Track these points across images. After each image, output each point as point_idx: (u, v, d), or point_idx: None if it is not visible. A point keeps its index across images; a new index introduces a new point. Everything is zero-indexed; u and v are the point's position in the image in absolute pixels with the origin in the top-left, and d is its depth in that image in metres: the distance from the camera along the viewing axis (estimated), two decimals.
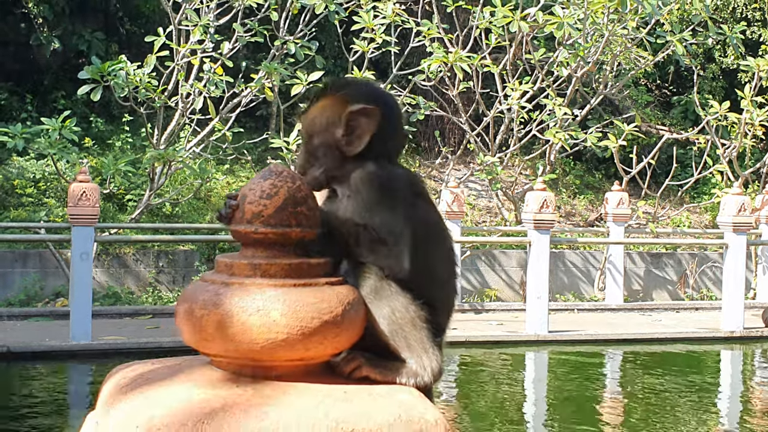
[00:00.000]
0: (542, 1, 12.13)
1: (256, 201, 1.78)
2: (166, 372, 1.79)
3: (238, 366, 1.74)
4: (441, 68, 11.96)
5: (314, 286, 1.75)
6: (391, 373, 1.87)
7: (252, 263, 1.77)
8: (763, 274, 12.98)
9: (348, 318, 1.74)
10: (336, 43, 14.44)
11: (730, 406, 8.38)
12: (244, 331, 1.68)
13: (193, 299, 1.75)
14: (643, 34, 12.49)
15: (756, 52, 15.19)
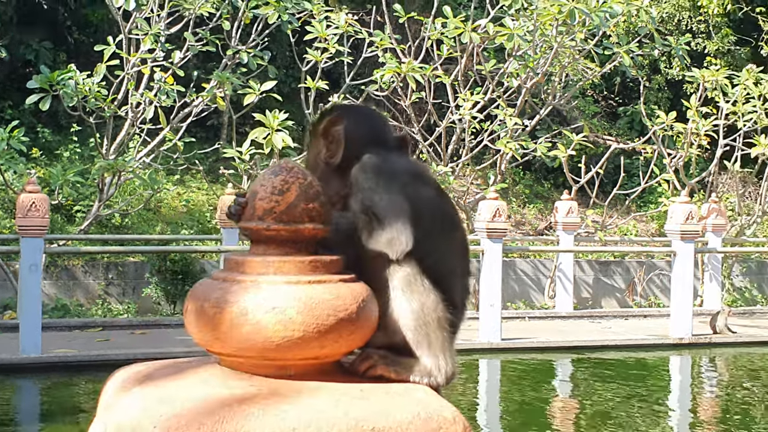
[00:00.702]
0: (492, 12, 12.25)
1: (267, 197, 1.76)
2: (174, 372, 1.75)
3: (251, 365, 1.71)
4: (394, 78, 12.01)
5: (329, 283, 1.72)
6: (405, 371, 1.86)
7: (265, 260, 1.74)
8: (710, 281, 13.22)
9: (363, 315, 1.73)
10: (288, 53, 14.42)
11: (681, 412, 8.51)
12: (259, 329, 1.65)
13: (204, 297, 1.71)
14: (590, 46, 12.68)
15: (701, 64, 15.51)
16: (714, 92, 13.66)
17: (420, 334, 1.87)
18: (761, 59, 16.26)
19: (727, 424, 7.78)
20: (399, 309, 1.86)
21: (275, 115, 10.64)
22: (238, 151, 11.28)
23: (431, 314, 1.87)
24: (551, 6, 11.91)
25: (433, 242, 1.94)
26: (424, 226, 1.92)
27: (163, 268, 11.92)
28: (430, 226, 1.95)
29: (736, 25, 16.83)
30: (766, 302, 14.10)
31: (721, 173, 15.31)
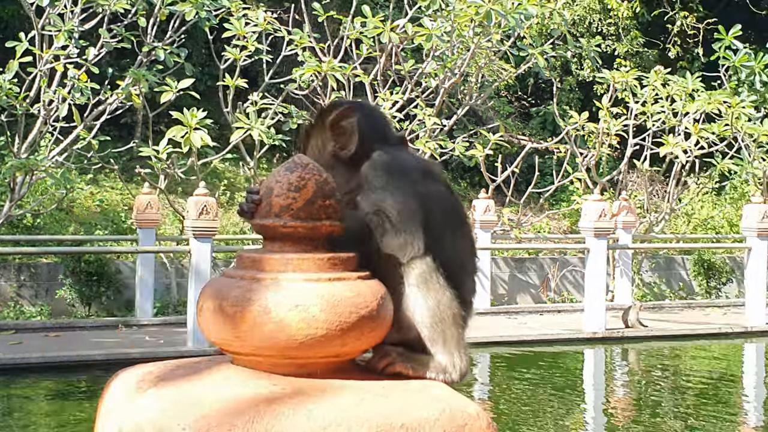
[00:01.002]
0: (410, 13, 12.34)
1: (284, 194, 1.73)
2: (189, 372, 1.71)
3: (270, 364, 1.69)
4: (313, 77, 11.99)
5: (348, 280, 1.71)
6: (422, 368, 1.87)
7: (284, 258, 1.71)
8: (621, 277, 13.58)
9: (382, 312, 1.72)
10: (204, 50, 14.24)
11: (595, 403, 8.74)
12: (282, 327, 1.63)
13: (222, 296, 1.68)
14: (506, 47, 12.88)
15: (611, 65, 15.93)
16: (624, 93, 14.05)
17: (436, 331, 1.87)
18: (668, 61, 16.80)
19: (639, 414, 8.03)
20: (414, 305, 1.86)
21: (193, 113, 10.51)
22: (155, 150, 11.09)
23: (447, 311, 1.88)
24: (468, 7, 12.06)
25: (444, 239, 1.95)
26: (435, 224, 1.93)
27: (77, 270, 11.64)
28: (442, 224, 1.96)
29: (644, 27, 17.35)
30: (674, 297, 14.57)
31: (631, 172, 15.75)
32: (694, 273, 14.81)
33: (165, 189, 11.94)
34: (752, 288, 11.91)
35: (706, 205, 16.24)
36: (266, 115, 11.85)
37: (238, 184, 15.14)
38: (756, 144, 14.20)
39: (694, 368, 10.34)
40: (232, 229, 13.89)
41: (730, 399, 8.83)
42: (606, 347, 11.10)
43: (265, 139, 11.36)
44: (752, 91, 14.86)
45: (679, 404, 8.40)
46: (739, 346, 11.43)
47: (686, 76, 13.82)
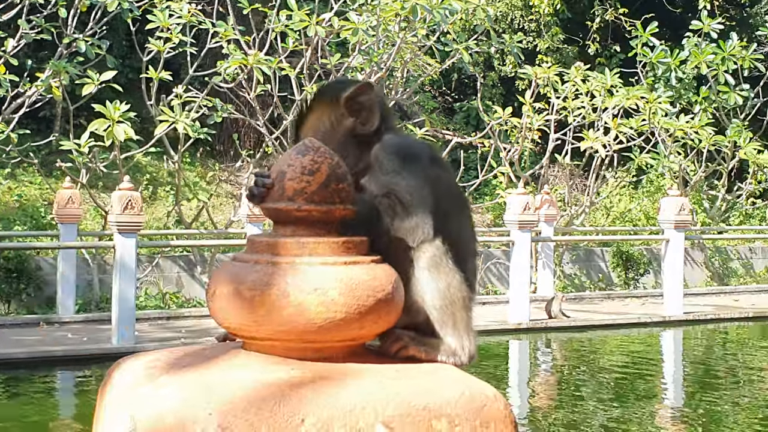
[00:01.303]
0: (336, 6, 12.33)
1: (297, 177, 1.72)
2: (201, 359, 1.69)
3: (285, 349, 1.68)
4: (238, 70, 11.89)
5: (363, 264, 1.71)
6: (433, 351, 1.88)
7: (299, 242, 1.70)
8: (543, 269, 13.83)
9: (397, 295, 1.73)
10: (125, 42, 13.98)
11: (520, 391, 8.91)
12: (301, 311, 1.62)
13: (239, 280, 1.66)
14: (431, 42, 12.98)
15: (532, 61, 16.19)
16: (545, 88, 14.29)
17: (446, 314, 1.89)
18: (588, 57, 17.16)
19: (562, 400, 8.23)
20: (425, 288, 1.87)
21: (116, 106, 10.33)
22: (76, 144, 10.87)
23: (457, 294, 1.90)
24: (394, 2, 12.11)
25: (451, 223, 1.97)
26: (443, 208, 1.94)
27: None
28: (449, 208, 1.98)
29: (565, 24, 17.68)
30: (594, 288, 14.90)
31: (552, 166, 16.05)
32: (613, 264, 15.17)
33: (86, 183, 11.70)
34: (669, 278, 12.25)
35: (624, 198, 16.66)
36: (191, 108, 11.71)
37: (160, 178, 14.92)
38: (672, 139, 14.63)
39: (615, 357, 10.61)
40: (155, 224, 13.68)
41: (649, 385, 9.09)
42: (530, 338, 11.30)
43: (190, 133, 11.23)
44: (668, 87, 15.31)
45: (600, 390, 8.61)
46: (657, 335, 11.75)
47: (605, 72, 14.15)
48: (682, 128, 14.21)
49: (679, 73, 15.29)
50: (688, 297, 12.82)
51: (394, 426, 1.55)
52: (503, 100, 16.89)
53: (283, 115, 12.75)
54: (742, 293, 14.42)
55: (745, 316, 12.44)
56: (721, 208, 16.37)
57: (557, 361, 10.60)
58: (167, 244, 11.85)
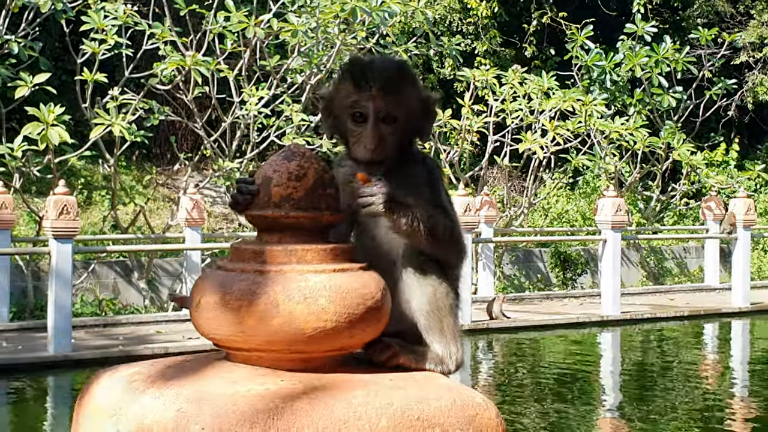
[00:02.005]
0: (275, 8, 12.24)
1: (284, 183, 1.67)
2: (188, 371, 1.62)
3: (272, 360, 1.62)
4: (175, 72, 11.72)
5: (351, 271, 1.67)
6: (422, 359, 1.85)
7: (287, 249, 1.65)
8: (483, 270, 13.90)
9: (386, 303, 1.69)
10: (58, 43, 13.67)
11: None
12: (290, 320, 1.57)
13: (225, 289, 1.60)
14: (371, 44, 12.96)
15: (471, 64, 16.29)
16: (484, 91, 14.39)
17: (433, 320, 1.86)
18: (525, 60, 17.32)
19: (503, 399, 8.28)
20: (412, 294, 1.84)
21: (50, 109, 10.10)
22: (9, 148, 10.61)
23: (444, 300, 1.87)
24: (333, 4, 12.07)
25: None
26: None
27: None
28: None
29: (502, 27, 17.82)
30: (533, 288, 15.04)
31: (491, 167, 16.16)
32: (552, 265, 15.34)
33: (20, 188, 11.42)
34: (607, 278, 12.41)
35: (562, 199, 16.85)
36: (127, 110, 11.51)
37: (96, 182, 14.62)
38: (607, 140, 14.85)
39: (555, 357, 10.72)
40: (90, 229, 13.40)
41: (589, 385, 9.21)
42: (472, 339, 11.34)
43: (126, 136, 11.04)
44: (603, 90, 15.55)
45: (541, 391, 8.69)
46: (595, 334, 11.91)
47: (542, 75, 14.31)
48: (617, 130, 14.43)
49: (614, 76, 15.54)
50: (625, 297, 13.02)
51: None
52: (442, 102, 16.92)
53: (221, 117, 12.60)
54: (677, 292, 14.70)
55: (681, 315, 12.68)
56: (655, 209, 16.68)
57: (499, 362, 10.66)
58: (103, 249, 11.62)
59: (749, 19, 18.64)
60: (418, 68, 16.13)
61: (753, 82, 18.24)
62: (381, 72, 1.93)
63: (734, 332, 12.62)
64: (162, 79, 11.72)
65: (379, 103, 1.91)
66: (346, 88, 1.97)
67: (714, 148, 18.46)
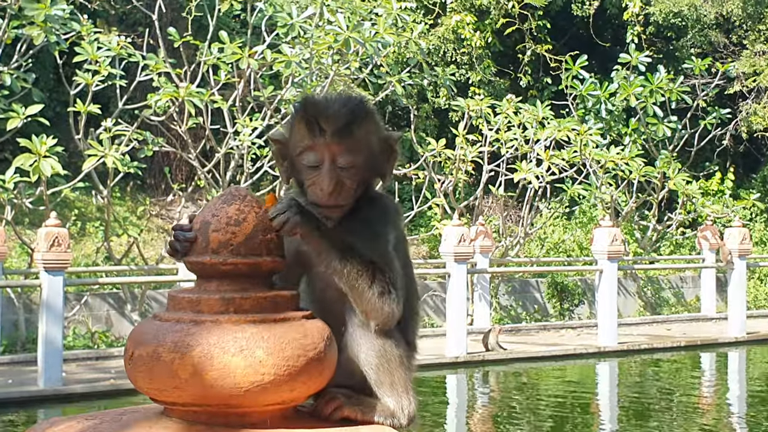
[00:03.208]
0: (269, 39, 12.26)
1: (222, 228, 1.60)
2: (120, 426, 1.54)
3: (208, 415, 1.54)
4: (169, 103, 11.71)
5: (293, 320, 1.59)
6: (370, 411, 1.77)
7: (223, 297, 1.57)
8: (479, 300, 13.82)
9: (330, 354, 1.62)
10: (52, 75, 13.68)
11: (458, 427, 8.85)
12: (226, 374, 1.49)
13: (157, 341, 1.52)
14: (364, 74, 12.97)
15: (465, 94, 16.30)
16: (478, 120, 14.38)
17: (383, 373, 1.78)
18: (520, 90, 17.34)
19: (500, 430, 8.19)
20: (359, 347, 1.76)
21: (43, 140, 10.08)
22: (1, 179, 10.58)
23: (394, 352, 1.79)
24: (326, 35, 12.10)
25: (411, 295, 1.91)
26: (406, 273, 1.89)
27: None
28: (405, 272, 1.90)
29: (496, 57, 17.87)
30: (530, 319, 14.94)
31: (486, 197, 16.11)
32: (548, 295, 15.25)
33: (12, 220, 11.36)
34: (604, 309, 12.33)
35: (558, 229, 16.79)
36: (120, 141, 11.49)
37: (89, 213, 14.57)
38: (603, 170, 14.82)
39: (552, 388, 10.62)
40: (84, 261, 13.32)
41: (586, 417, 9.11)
42: (468, 371, 11.24)
43: (119, 167, 11.02)
44: (598, 119, 15.55)
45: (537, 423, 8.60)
46: (593, 365, 11.81)
47: (537, 105, 14.31)
48: (612, 159, 14.41)
49: (609, 106, 15.55)
50: (622, 327, 12.93)
51: None
52: (437, 131, 16.95)
53: (215, 147, 12.58)
54: (673, 322, 14.61)
55: (677, 345, 12.59)
56: (652, 238, 16.62)
57: (495, 394, 10.56)
58: (95, 281, 11.54)
59: (742, 49, 18.69)
60: (412, 98, 16.14)
61: (747, 111, 18.25)
62: (336, 115, 1.83)
63: (731, 362, 12.53)
64: (156, 110, 11.71)
65: (334, 149, 1.83)
66: (299, 131, 1.87)
67: (709, 177, 18.43)
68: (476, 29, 17.17)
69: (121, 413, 1.66)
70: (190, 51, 12.71)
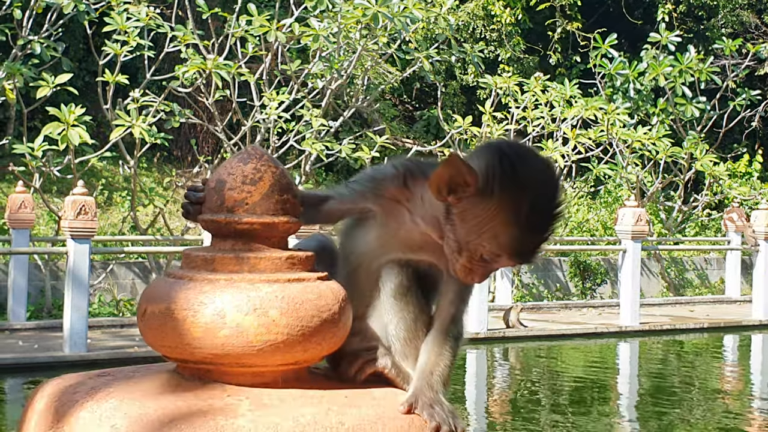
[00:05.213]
0: (297, 12, 12.24)
1: (238, 187, 1.59)
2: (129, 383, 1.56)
3: (221, 373, 1.55)
4: (197, 75, 11.75)
5: (308, 281, 1.59)
6: (399, 374, 1.77)
7: (238, 257, 1.56)
8: (501, 278, 13.83)
9: (345, 316, 1.61)
10: (82, 45, 13.76)
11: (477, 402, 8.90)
12: (239, 333, 1.49)
13: (170, 299, 1.52)
14: (392, 50, 12.93)
15: (493, 71, 16.22)
16: (506, 98, 14.31)
17: (409, 347, 1.77)
18: (549, 67, 17.22)
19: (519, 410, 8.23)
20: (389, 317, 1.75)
21: (71, 109, 10.15)
22: (30, 147, 10.66)
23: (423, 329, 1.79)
24: (355, 9, 12.05)
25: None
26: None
27: None
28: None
29: (526, 34, 17.75)
30: (551, 298, 14.93)
31: None
32: (571, 274, 15.22)
33: (40, 188, 11.49)
34: (626, 289, 12.30)
35: (582, 208, 16.73)
36: (147, 112, 11.55)
37: (116, 183, 14.70)
38: (629, 150, 14.72)
39: (572, 367, 10.63)
40: (110, 230, 13.47)
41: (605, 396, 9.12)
42: (488, 347, 11.28)
43: (146, 138, 11.08)
44: (626, 99, 15.42)
45: (557, 401, 8.62)
46: (614, 345, 11.80)
47: (565, 83, 14.20)
48: (639, 139, 14.30)
49: (637, 85, 15.41)
50: (644, 307, 12.90)
51: None
52: (464, 109, 16.89)
53: (242, 120, 12.62)
54: (697, 304, 14.54)
55: (700, 326, 12.54)
56: (677, 219, 16.51)
57: (515, 371, 10.59)
58: (121, 250, 11.66)
59: None
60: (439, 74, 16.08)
61: None
62: (546, 236, 1.74)
63: (754, 345, 12.47)
64: (183, 81, 11.74)
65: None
66: (504, 213, 1.65)
67: (737, 159, 18.26)
68: (506, 5, 17.05)
69: (134, 370, 1.68)
70: (219, 23, 12.73)
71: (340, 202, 1.81)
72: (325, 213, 1.82)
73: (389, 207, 1.75)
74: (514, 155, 1.65)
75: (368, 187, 1.79)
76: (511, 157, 1.64)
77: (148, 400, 1.51)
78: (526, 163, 1.65)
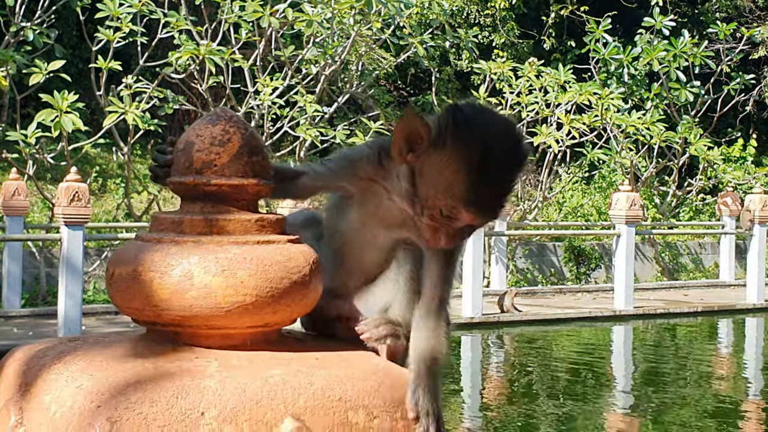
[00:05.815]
0: None
1: (206, 149, 1.57)
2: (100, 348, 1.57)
3: (190, 336, 1.55)
4: (190, 61, 11.73)
5: (278, 243, 1.58)
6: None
7: (207, 219, 1.56)
8: (496, 263, 13.85)
9: (315, 279, 1.60)
10: (75, 31, 13.72)
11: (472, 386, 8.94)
12: (206, 294, 1.49)
13: (137, 261, 1.52)
14: (386, 35, 12.91)
15: (488, 56, 16.19)
16: (500, 83, 14.31)
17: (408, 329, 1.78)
18: (543, 53, 17.21)
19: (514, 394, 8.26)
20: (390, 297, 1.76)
21: (64, 96, 10.14)
22: (23, 134, 10.65)
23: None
24: None
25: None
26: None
27: None
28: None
29: (520, 19, 17.73)
30: (546, 282, 14.96)
31: None
32: (565, 259, 15.25)
33: (33, 175, 11.48)
34: (620, 273, 12.33)
35: (576, 193, 16.75)
36: (141, 99, 11.53)
37: (110, 170, 14.69)
38: (624, 134, 14.73)
39: (567, 351, 10.67)
40: (104, 217, 13.47)
41: (600, 380, 9.15)
42: (482, 332, 11.31)
43: (139, 124, 11.06)
44: (620, 84, 15.42)
45: (551, 385, 8.65)
46: (608, 329, 11.84)
47: (559, 68, 14.20)
48: (633, 124, 14.31)
49: (632, 70, 15.41)
50: (638, 291, 12.94)
51: (305, 419, 1.44)
52: (458, 94, 16.88)
53: (235, 107, 12.60)
54: (691, 288, 14.58)
55: (694, 311, 12.57)
56: (671, 204, 16.54)
57: (509, 355, 10.63)
58: (115, 237, 11.65)
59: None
60: (434, 60, 16.06)
61: None
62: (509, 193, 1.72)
63: (748, 329, 12.51)
64: (176, 68, 11.72)
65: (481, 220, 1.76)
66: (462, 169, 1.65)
67: (731, 143, 18.27)
68: None
69: (105, 335, 1.68)
70: (212, 9, 12.69)
71: (313, 178, 1.81)
72: (299, 188, 1.81)
73: (366, 186, 1.76)
74: (470, 110, 1.68)
75: (344, 166, 1.79)
76: (466, 112, 1.67)
77: (115, 362, 1.52)
78: (481, 116, 1.67)
